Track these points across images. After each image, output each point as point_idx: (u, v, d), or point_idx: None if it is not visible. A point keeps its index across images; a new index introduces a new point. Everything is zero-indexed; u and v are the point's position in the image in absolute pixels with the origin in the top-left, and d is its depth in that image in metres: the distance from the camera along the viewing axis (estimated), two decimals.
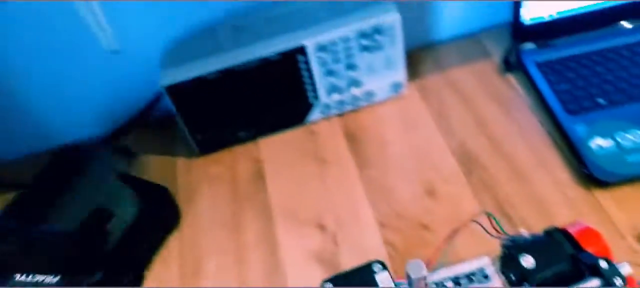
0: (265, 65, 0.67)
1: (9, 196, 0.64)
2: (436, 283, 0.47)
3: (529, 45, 0.74)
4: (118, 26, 0.72)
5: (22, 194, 0.63)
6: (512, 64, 0.74)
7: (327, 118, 0.75)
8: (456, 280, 0.47)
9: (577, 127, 0.63)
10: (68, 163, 0.68)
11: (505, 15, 0.73)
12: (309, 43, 0.66)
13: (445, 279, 0.47)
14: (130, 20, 0.71)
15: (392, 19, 0.67)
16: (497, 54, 0.77)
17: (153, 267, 0.64)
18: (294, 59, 0.68)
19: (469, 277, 0.47)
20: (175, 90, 0.67)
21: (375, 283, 0.38)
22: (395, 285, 0.40)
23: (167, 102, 0.70)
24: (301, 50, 0.67)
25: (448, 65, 0.78)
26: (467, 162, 0.65)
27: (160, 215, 0.66)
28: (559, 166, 0.62)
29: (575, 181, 0.60)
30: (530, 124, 0.68)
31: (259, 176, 0.71)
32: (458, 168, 0.65)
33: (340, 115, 0.75)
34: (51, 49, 0.72)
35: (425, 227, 0.59)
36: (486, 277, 0.46)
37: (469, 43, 0.80)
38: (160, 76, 0.67)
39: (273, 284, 0.60)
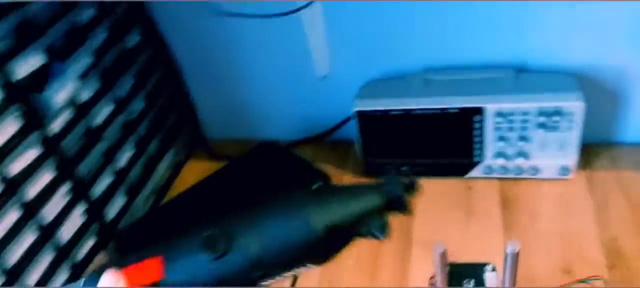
0: (443, 116, 0.76)
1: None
2: None
3: None
4: (331, 56, 0.87)
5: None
6: None
7: (486, 179, 0.80)
8: None
9: None
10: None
11: None
12: (489, 106, 0.73)
13: None
14: (339, 54, 0.86)
15: (575, 105, 0.71)
16: None
17: None
18: (470, 118, 0.75)
19: None
20: (364, 116, 0.79)
21: (482, 281, 0.44)
22: None
23: (350, 128, 0.82)
24: (479, 111, 0.74)
25: (623, 167, 0.79)
26: (614, 257, 0.65)
27: None
28: None
29: None
30: None
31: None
32: (602, 260, 0.65)
33: (500, 179, 0.80)
34: (275, 64, 0.90)
35: None
36: None
37: None
38: (355, 103, 0.79)
39: None
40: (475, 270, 0.45)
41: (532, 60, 0.79)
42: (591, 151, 0.81)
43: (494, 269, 0.45)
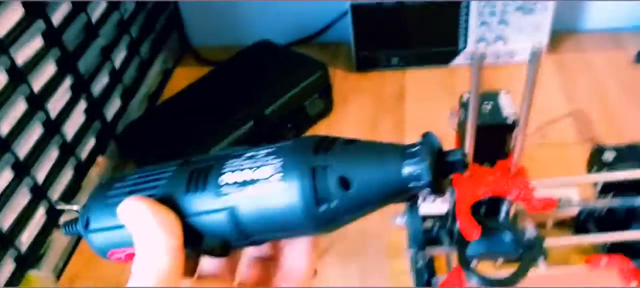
0: (432, 5, 0.81)
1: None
2: None
3: None
4: None
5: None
6: None
7: (469, 66, 0.87)
8: None
9: None
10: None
11: None
12: None
13: None
14: None
15: None
16: (633, 49, 0.87)
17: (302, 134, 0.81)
18: (457, 5, 0.81)
19: None
20: (358, 9, 0.83)
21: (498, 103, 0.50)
22: None
23: (338, 29, 0.86)
24: None
25: (586, 49, 0.90)
26: (581, 125, 0.75)
27: (321, 103, 0.83)
28: None
29: None
30: None
31: (400, 97, 0.86)
32: (571, 125, 0.75)
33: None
34: None
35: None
36: None
37: (610, 37, 0.91)
38: None
39: None
40: (492, 97, 0.51)
41: None
42: (558, 38, 0.91)
43: (508, 92, 0.51)
